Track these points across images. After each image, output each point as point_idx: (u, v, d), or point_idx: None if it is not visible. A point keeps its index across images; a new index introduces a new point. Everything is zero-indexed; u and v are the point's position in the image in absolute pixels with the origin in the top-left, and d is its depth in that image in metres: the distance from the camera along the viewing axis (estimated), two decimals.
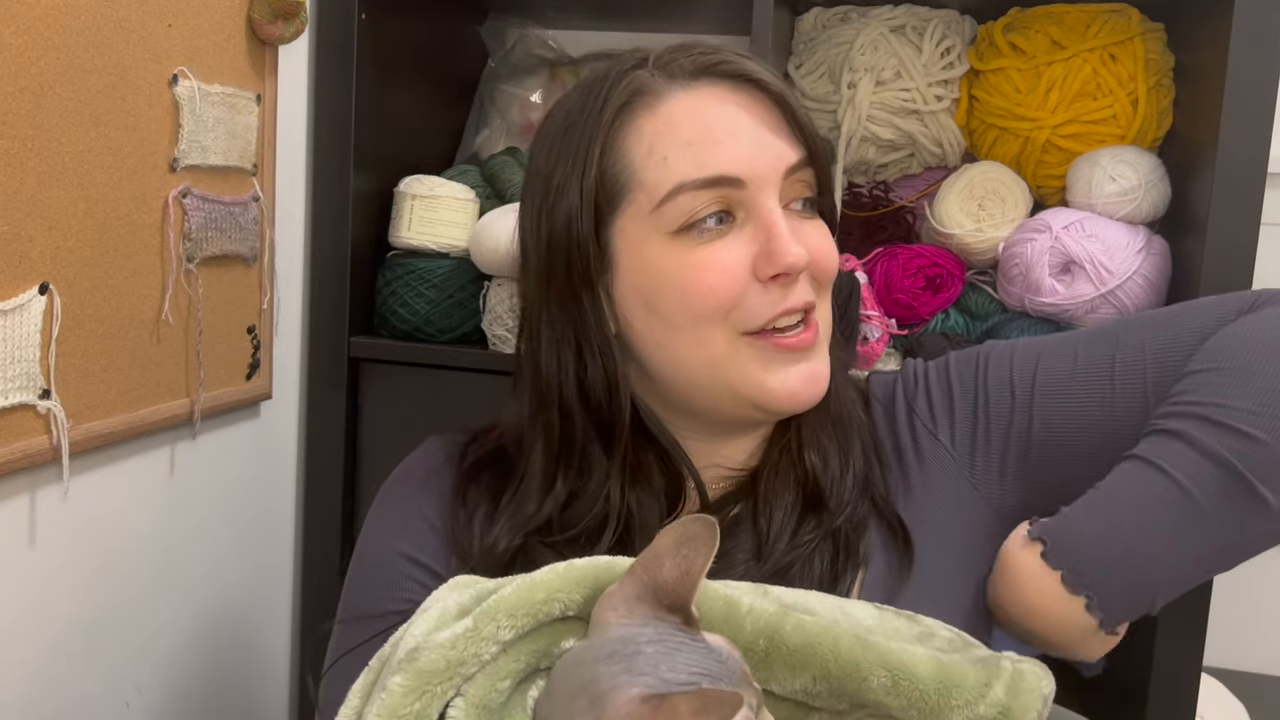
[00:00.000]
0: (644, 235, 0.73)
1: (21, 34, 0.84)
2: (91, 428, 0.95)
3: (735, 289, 0.72)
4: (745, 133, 0.73)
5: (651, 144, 0.73)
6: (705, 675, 0.52)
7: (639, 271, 0.74)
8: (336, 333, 1.30)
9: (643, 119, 0.73)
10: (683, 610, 0.56)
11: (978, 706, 0.60)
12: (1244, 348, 0.71)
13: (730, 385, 0.74)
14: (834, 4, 1.34)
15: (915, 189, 1.33)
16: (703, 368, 0.74)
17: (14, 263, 0.85)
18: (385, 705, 0.55)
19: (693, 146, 0.72)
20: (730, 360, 0.74)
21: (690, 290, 0.72)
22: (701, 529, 0.57)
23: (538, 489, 0.77)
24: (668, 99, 0.73)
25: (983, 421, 0.79)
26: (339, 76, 1.27)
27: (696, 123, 0.72)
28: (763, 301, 0.73)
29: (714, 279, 0.72)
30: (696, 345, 0.74)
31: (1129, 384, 0.76)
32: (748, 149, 0.72)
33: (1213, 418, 0.69)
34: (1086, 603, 0.69)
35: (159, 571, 1.09)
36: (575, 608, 0.60)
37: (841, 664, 0.60)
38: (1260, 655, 1.49)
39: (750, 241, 0.72)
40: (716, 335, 0.73)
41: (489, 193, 1.35)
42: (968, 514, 0.78)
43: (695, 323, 0.73)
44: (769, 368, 0.74)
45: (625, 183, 0.73)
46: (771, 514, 0.75)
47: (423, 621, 0.59)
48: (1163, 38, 1.22)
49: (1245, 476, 0.67)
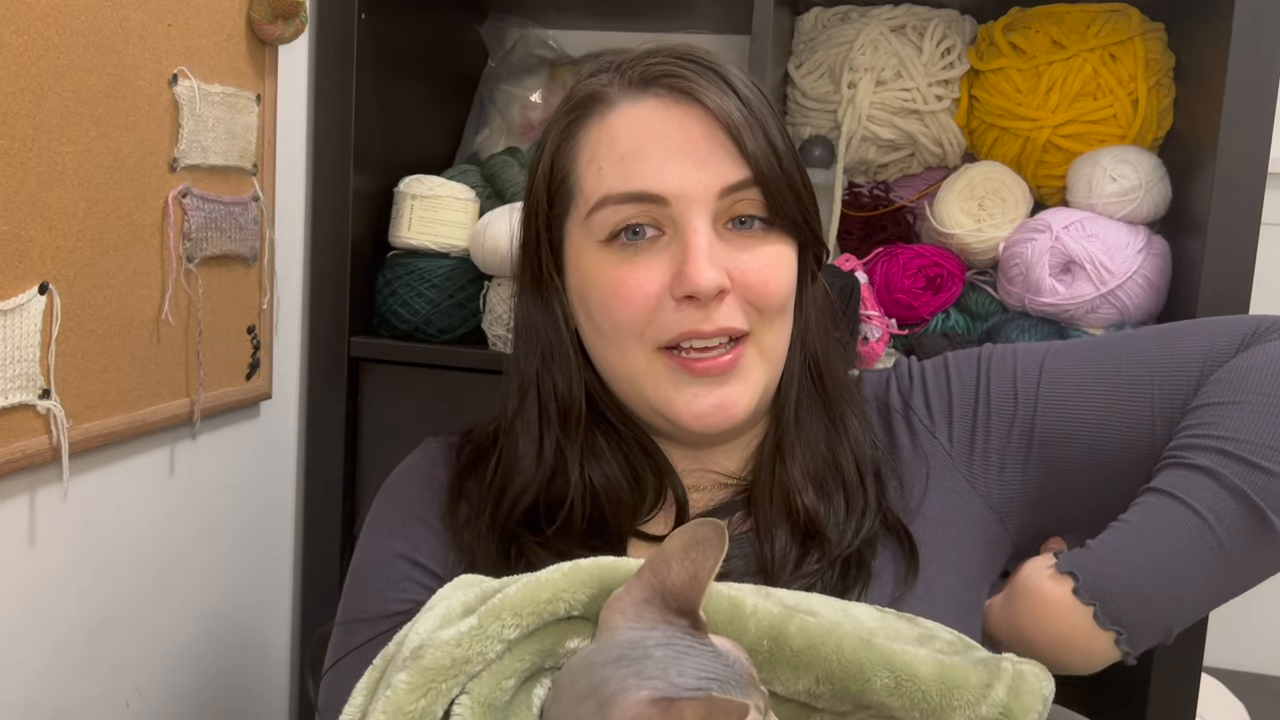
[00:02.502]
0: (582, 241, 0.75)
1: (21, 34, 0.84)
2: (91, 428, 0.95)
3: (647, 304, 0.72)
4: (676, 150, 0.72)
5: (593, 153, 0.74)
6: (713, 679, 0.52)
7: (578, 276, 0.76)
8: (336, 333, 1.30)
9: (592, 127, 0.75)
10: (690, 614, 0.56)
11: (979, 707, 0.60)
12: (1262, 381, 0.73)
13: (647, 399, 0.75)
14: (834, 4, 1.34)
15: (915, 189, 1.33)
16: (625, 378, 0.76)
17: (14, 263, 0.85)
18: (390, 702, 0.56)
19: (624, 161, 0.73)
20: (646, 374, 0.75)
21: (610, 302, 0.73)
22: (710, 533, 0.57)
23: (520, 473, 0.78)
24: (615, 109, 0.74)
25: (983, 420, 0.80)
26: (339, 76, 1.27)
27: (632, 137, 0.73)
28: (674, 319, 0.72)
29: (628, 293, 0.73)
30: (620, 356, 0.75)
31: (1135, 397, 0.77)
32: (677, 166, 0.72)
33: (1235, 453, 0.70)
34: (1116, 638, 0.71)
35: (159, 571, 1.09)
36: (580, 607, 0.60)
37: (845, 665, 0.60)
38: (1260, 655, 1.49)
39: (670, 261, 0.72)
40: (635, 348, 0.74)
41: (489, 193, 1.35)
42: (963, 510, 0.78)
43: (618, 334, 0.74)
44: (678, 387, 0.74)
45: (571, 188, 0.75)
46: (773, 542, 0.75)
47: (428, 620, 0.59)
48: (1163, 38, 1.22)
49: (1263, 511, 0.69)
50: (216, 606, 1.20)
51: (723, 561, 0.56)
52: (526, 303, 0.79)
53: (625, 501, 0.77)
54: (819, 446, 0.79)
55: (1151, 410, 0.76)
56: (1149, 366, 0.77)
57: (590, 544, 0.75)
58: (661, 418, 0.76)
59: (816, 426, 0.79)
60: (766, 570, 0.74)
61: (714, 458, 0.80)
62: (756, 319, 0.74)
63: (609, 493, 0.77)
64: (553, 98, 1.48)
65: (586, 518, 0.76)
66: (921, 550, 0.75)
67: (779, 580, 0.73)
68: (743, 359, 0.74)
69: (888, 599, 0.73)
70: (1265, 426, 0.70)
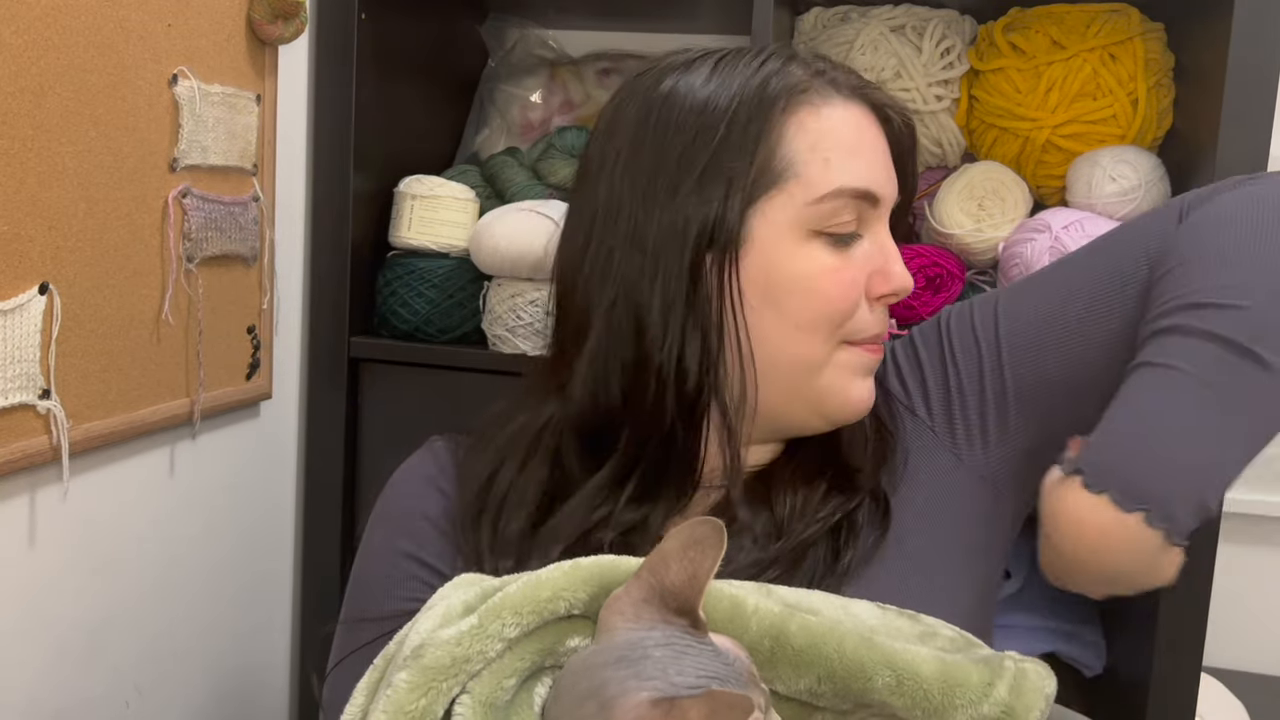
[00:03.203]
0: (788, 226, 0.74)
1: (21, 34, 0.84)
2: (91, 428, 0.95)
3: (856, 300, 0.75)
4: (883, 158, 0.77)
5: (815, 142, 0.74)
6: (713, 678, 0.52)
7: (770, 259, 0.73)
8: (336, 333, 1.30)
9: (807, 116, 0.75)
10: (690, 613, 0.56)
11: (981, 706, 0.60)
12: (1202, 235, 0.72)
13: (816, 389, 0.76)
14: (834, 4, 1.34)
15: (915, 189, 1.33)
16: (798, 368, 0.75)
17: (14, 263, 0.85)
18: (391, 702, 0.56)
19: (852, 157, 0.75)
20: (826, 364, 0.76)
21: (819, 293, 0.74)
22: (708, 532, 0.57)
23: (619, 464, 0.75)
24: (831, 105, 0.76)
25: (955, 385, 0.80)
26: (339, 76, 1.27)
27: (855, 136, 0.76)
28: (871, 319, 0.77)
29: (843, 288, 0.75)
30: (801, 344, 0.75)
31: (1099, 314, 0.76)
32: (885, 172, 0.77)
33: (1197, 301, 0.68)
34: (1146, 516, 0.65)
35: (159, 571, 1.09)
36: (581, 606, 0.60)
37: (846, 664, 0.60)
38: (1260, 655, 1.49)
39: (867, 260, 0.76)
40: (823, 340, 0.75)
41: (489, 193, 1.35)
42: (953, 486, 0.79)
43: (813, 324, 0.74)
44: (853, 379, 0.77)
45: (784, 171, 0.73)
46: (796, 491, 0.76)
47: (428, 619, 0.59)
48: (1163, 38, 1.22)
49: (1238, 343, 0.66)
50: (217, 606, 1.20)
51: (722, 561, 0.57)
52: (670, 281, 0.73)
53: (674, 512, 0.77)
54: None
55: (1124, 312, 0.75)
56: (1103, 271, 0.77)
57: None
58: (816, 411, 0.77)
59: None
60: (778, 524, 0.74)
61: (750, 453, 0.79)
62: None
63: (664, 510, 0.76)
64: (553, 98, 1.48)
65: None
66: (913, 534, 0.76)
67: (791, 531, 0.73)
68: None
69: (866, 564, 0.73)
70: (1215, 270, 0.69)
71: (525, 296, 1.23)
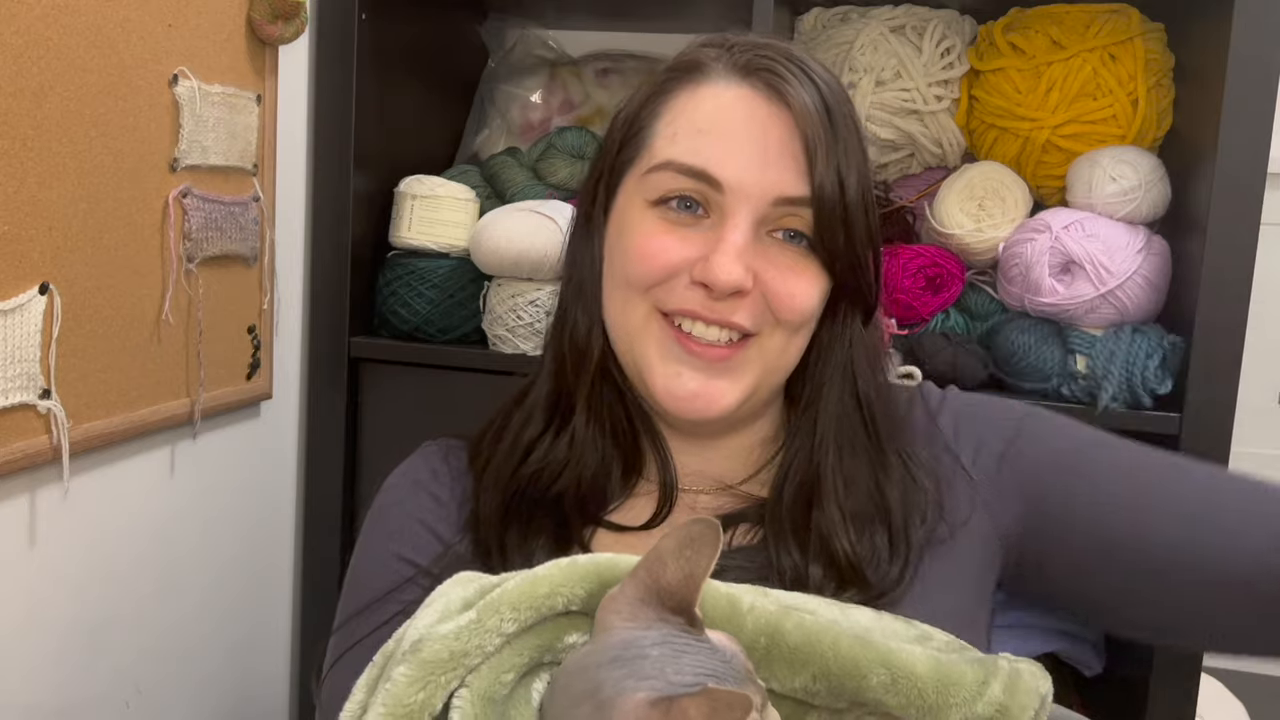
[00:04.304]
0: (633, 194, 0.76)
1: (21, 34, 0.84)
2: (91, 428, 0.95)
3: (666, 270, 0.74)
4: (753, 145, 0.72)
5: (674, 117, 0.75)
6: (710, 676, 0.52)
7: (617, 224, 0.78)
8: (336, 333, 1.30)
9: (682, 92, 0.76)
10: (686, 612, 0.56)
11: (975, 705, 0.60)
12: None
13: (635, 359, 0.76)
14: (834, 4, 1.34)
15: (915, 189, 1.33)
16: (622, 333, 0.77)
17: (14, 263, 0.85)
18: (390, 695, 0.56)
19: (700, 135, 0.73)
20: (640, 332, 0.76)
21: (631, 253, 0.75)
22: (704, 531, 0.57)
23: (537, 421, 0.80)
24: (709, 84, 0.75)
25: (1011, 460, 0.79)
26: (339, 76, 1.27)
27: (715, 116, 0.74)
28: (683, 294, 0.74)
29: (653, 253, 0.74)
30: (623, 307, 0.76)
31: (1173, 530, 0.74)
32: (745, 160, 0.72)
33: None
34: None
35: (159, 571, 1.09)
36: (578, 602, 0.60)
37: (841, 662, 0.60)
38: None
39: (704, 244, 0.73)
40: (638, 305, 0.75)
41: (489, 193, 1.35)
42: (972, 528, 0.78)
43: (627, 284, 0.76)
44: (665, 358, 0.75)
45: (642, 142, 0.76)
46: (806, 577, 0.73)
47: (427, 614, 0.60)
48: (1163, 38, 1.22)
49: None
50: (217, 606, 1.20)
51: (727, 567, 0.57)
52: (576, 240, 0.81)
53: (598, 483, 0.78)
54: (864, 485, 0.77)
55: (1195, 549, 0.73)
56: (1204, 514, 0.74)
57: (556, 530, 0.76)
58: (644, 385, 0.76)
59: (863, 467, 0.78)
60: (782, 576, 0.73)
61: (713, 457, 0.80)
62: (770, 324, 0.74)
63: (585, 466, 0.78)
64: (553, 98, 1.48)
65: (562, 491, 0.78)
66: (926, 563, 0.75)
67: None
68: (738, 356, 0.74)
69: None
70: None
71: (525, 296, 1.23)
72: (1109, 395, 1.11)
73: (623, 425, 0.80)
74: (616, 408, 0.80)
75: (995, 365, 1.20)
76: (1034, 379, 1.17)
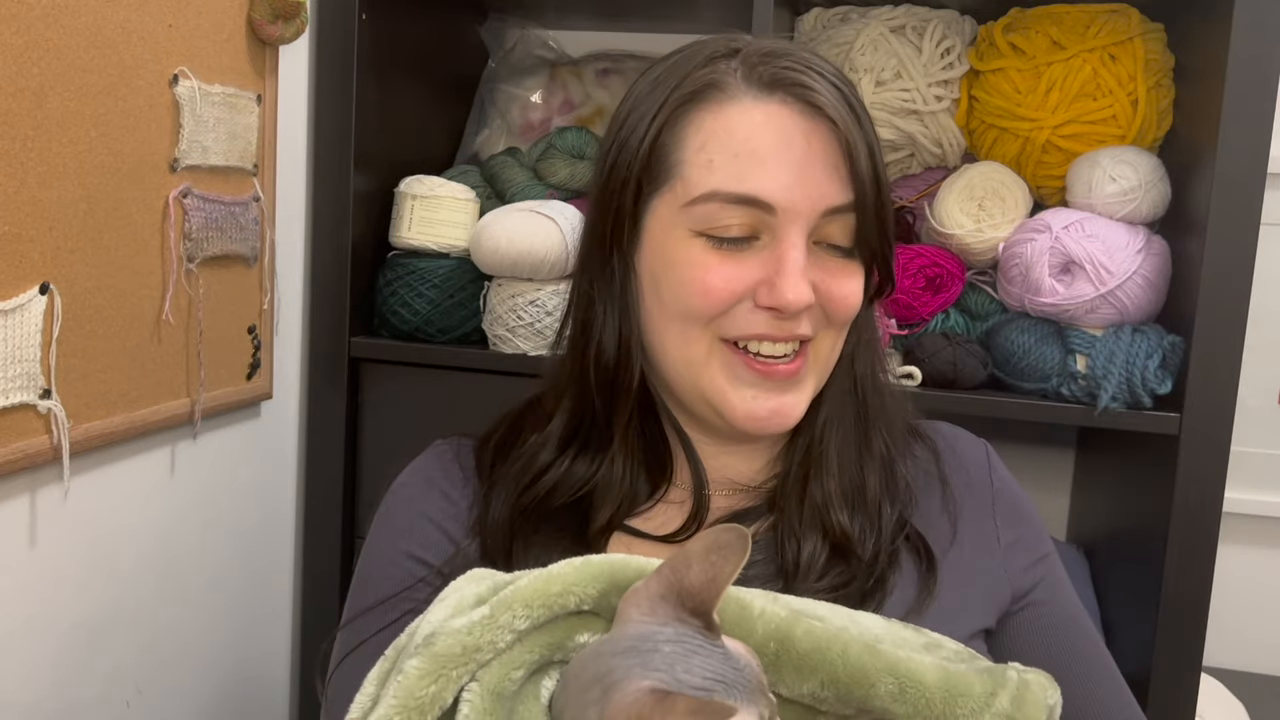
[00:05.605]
0: (671, 223, 0.74)
1: (21, 34, 0.84)
2: (91, 428, 0.95)
3: (728, 300, 0.73)
4: (794, 161, 0.71)
5: (704, 142, 0.73)
6: (720, 680, 0.53)
7: (657, 253, 0.75)
8: (336, 333, 1.30)
9: (706, 114, 0.73)
10: (704, 615, 0.56)
11: (983, 715, 0.60)
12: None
13: (701, 389, 0.75)
14: (834, 4, 1.34)
15: (915, 189, 1.33)
16: (682, 364, 0.76)
17: (14, 263, 0.85)
18: (401, 687, 0.56)
19: (739, 159, 0.72)
20: (705, 364, 0.75)
21: (689, 286, 0.73)
22: (733, 538, 0.57)
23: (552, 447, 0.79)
24: (735, 103, 0.73)
25: (1031, 558, 0.82)
26: (339, 76, 1.27)
27: (751, 137, 0.72)
28: (748, 319, 0.73)
29: (712, 285, 0.72)
30: (682, 340, 0.75)
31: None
32: (791, 177, 0.71)
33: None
34: None
35: (159, 571, 1.09)
36: (590, 602, 0.60)
37: (850, 669, 0.61)
38: (1260, 655, 1.49)
39: (762, 266, 0.72)
40: (699, 336, 0.74)
41: (489, 193, 1.35)
42: (990, 574, 0.79)
43: (685, 318, 0.74)
44: (735, 384, 0.74)
45: (671, 169, 0.74)
46: (799, 550, 0.75)
47: (440, 609, 0.60)
48: (1163, 38, 1.22)
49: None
50: (216, 606, 1.20)
51: (744, 566, 0.57)
52: (591, 263, 0.78)
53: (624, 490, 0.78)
54: (850, 464, 0.79)
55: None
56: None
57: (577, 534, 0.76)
58: (713, 410, 0.76)
59: (849, 445, 0.79)
60: (788, 575, 0.74)
61: (734, 460, 0.81)
62: (824, 326, 0.75)
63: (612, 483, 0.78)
64: (553, 98, 1.48)
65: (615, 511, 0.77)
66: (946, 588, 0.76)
67: (800, 588, 0.73)
68: (804, 367, 0.75)
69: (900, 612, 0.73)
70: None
71: (525, 296, 1.23)
72: (1109, 395, 1.11)
73: (657, 445, 0.80)
74: (652, 428, 0.80)
75: (995, 365, 1.20)
76: (1034, 379, 1.17)
